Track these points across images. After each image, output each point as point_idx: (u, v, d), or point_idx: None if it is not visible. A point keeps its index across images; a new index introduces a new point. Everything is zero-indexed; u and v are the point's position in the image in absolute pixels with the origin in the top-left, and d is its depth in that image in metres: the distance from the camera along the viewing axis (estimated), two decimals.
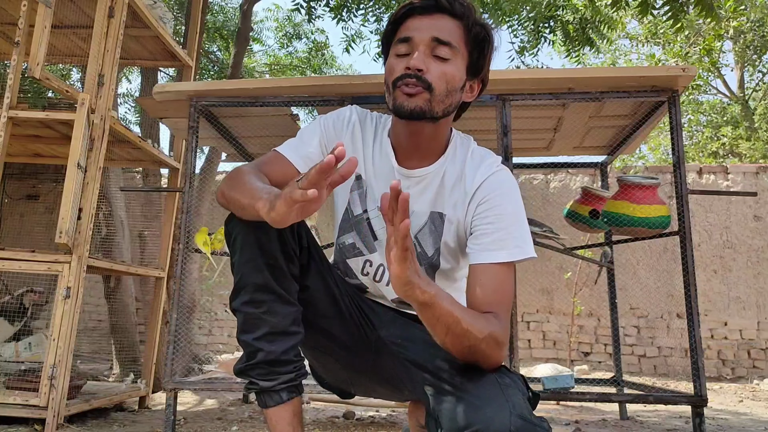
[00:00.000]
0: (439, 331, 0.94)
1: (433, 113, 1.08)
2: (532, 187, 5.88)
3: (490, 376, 0.96)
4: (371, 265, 1.23)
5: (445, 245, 1.17)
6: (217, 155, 4.39)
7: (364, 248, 1.23)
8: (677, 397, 2.42)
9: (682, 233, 2.44)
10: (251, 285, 1.04)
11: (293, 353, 1.08)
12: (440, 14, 1.09)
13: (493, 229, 1.08)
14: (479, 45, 1.12)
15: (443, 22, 1.09)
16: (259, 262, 1.03)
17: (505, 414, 0.86)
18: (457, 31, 1.10)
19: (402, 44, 1.10)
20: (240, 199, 1.00)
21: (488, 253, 1.06)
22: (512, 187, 1.13)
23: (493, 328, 0.97)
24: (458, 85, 1.11)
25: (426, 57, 1.07)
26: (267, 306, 1.04)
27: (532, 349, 5.63)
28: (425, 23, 1.09)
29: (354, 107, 1.26)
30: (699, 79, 9.02)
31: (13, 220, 6.04)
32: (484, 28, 1.12)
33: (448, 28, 1.09)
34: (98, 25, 2.71)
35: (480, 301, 1.03)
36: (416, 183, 1.17)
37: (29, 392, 2.43)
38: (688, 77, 2.43)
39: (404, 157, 1.18)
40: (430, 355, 1.09)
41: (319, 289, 1.13)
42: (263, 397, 1.08)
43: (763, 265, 5.52)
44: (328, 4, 4.38)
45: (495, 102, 2.57)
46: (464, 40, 1.10)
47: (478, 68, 1.15)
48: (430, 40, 1.07)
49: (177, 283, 2.58)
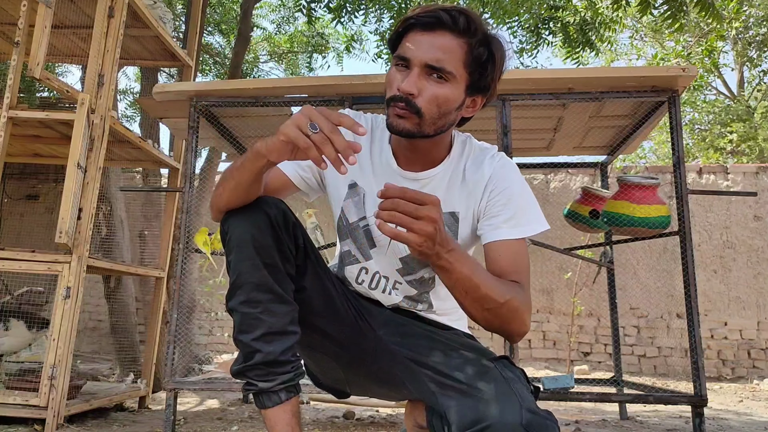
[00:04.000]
0: (458, 294, 0.99)
1: (423, 134, 1.08)
2: (532, 187, 5.83)
3: (494, 371, 0.97)
4: (367, 273, 1.23)
5: (461, 240, 1.18)
6: (217, 155, 4.39)
7: (359, 255, 1.22)
8: (677, 397, 2.42)
9: (682, 233, 2.44)
10: (248, 284, 1.03)
11: (291, 353, 1.07)
12: (442, 31, 1.05)
13: (505, 209, 1.11)
14: (482, 65, 1.08)
15: (444, 40, 1.04)
16: (256, 261, 1.03)
17: (516, 408, 0.86)
18: (458, 52, 1.05)
19: (400, 60, 1.08)
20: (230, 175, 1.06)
21: (502, 230, 1.10)
22: (515, 169, 1.18)
23: (515, 295, 1.00)
24: (453, 107, 1.08)
25: (420, 79, 1.04)
26: (264, 306, 1.04)
27: (532, 349, 5.63)
28: (425, 41, 1.05)
29: (347, 110, 1.26)
30: (700, 78, 9.01)
31: (13, 220, 6.04)
32: (489, 47, 1.07)
33: (446, 49, 1.04)
34: (98, 25, 2.71)
35: (502, 270, 1.06)
36: (423, 186, 1.17)
37: (29, 392, 2.43)
38: (688, 77, 2.44)
39: (407, 162, 1.18)
40: (432, 352, 1.09)
41: (315, 289, 1.13)
42: (261, 398, 1.07)
43: (763, 265, 5.52)
44: (328, 5, 4.38)
45: (495, 102, 2.57)
46: (464, 61, 1.06)
47: (480, 87, 1.11)
48: (423, 63, 1.04)
49: (177, 283, 2.58)
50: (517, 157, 3.23)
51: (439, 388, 1.00)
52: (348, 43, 6.72)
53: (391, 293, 1.23)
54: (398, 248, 1.19)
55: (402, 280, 1.22)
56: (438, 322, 1.25)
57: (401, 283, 1.22)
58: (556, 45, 5.13)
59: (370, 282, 1.23)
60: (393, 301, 1.24)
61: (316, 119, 0.91)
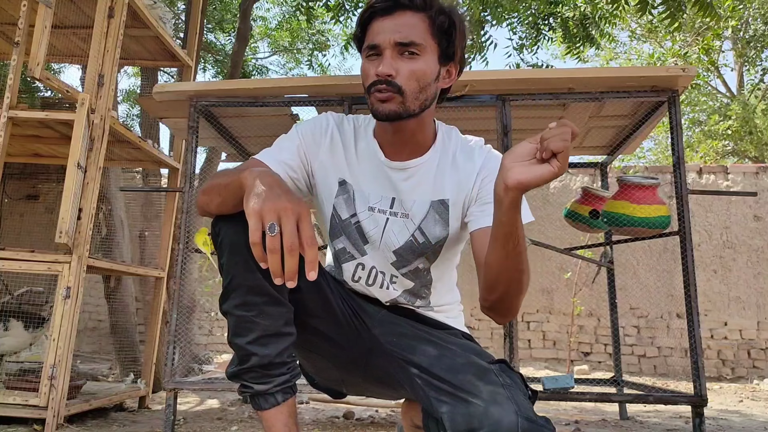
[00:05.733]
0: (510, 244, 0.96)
1: (409, 112, 1.11)
2: None
3: (490, 375, 0.95)
4: (363, 269, 1.23)
5: (452, 228, 1.19)
6: (217, 155, 4.39)
7: (355, 251, 1.22)
8: (677, 397, 2.42)
9: (682, 233, 2.44)
10: (243, 287, 1.01)
11: (286, 355, 1.06)
12: (401, 11, 1.10)
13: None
14: (446, 33, 1.12)
15: (405, 19, 1.09)
16: (250, 263, 0.99)
17: (512, 415, 0.85)
18: (421, 25, 1.10)
19: (370, 50, 1.11)
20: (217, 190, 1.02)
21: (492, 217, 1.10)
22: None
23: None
24: (431, 79, 1.12)
25: (394, 60, 1.08)
26: (259, 308, 1.02)
27: (532, 349, 5.63)
28: (388, 25, 1.09)
29: (330, 113, 1.26)
30: (698, 78, 9.01)
31: (13, 220, 6.04)
32: (449, 15, 1.12)
33: (410, 25, 1.09)
34: (98, 25, 2.72)
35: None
36: (411, 175, 1.18)
37: (29, 392, 2.43)
38: (688, 77, 2.44)
39: (393, 152, 1.19)
40: (427, 354, 1.08)
41: (310, 289, 1.11)
42: (258, 400, 1.06)
43: (763, 265, 5.52)
44: (326, 4, 4.38)
45: (495, 102, 2.57)
46: (430, 32, 1.11)
47: (450, 54, 1.15)
48: (393, 43, 1.08)
49: (177, 283, 2.58)
50: None
51: (433, 391, 0.99)
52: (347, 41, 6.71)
53: (389, 288, 1.22)
54: (391, 241, 1.19)
55: (398, 273, 1.22)
56: (436, 320, 1.24)
57: (398, 277, 1.22)
58: (556, 41, 5.12)
59: (367, 278, 1.23)
60: (391, 296, 1.23)
61: (283, 222, 0.85)
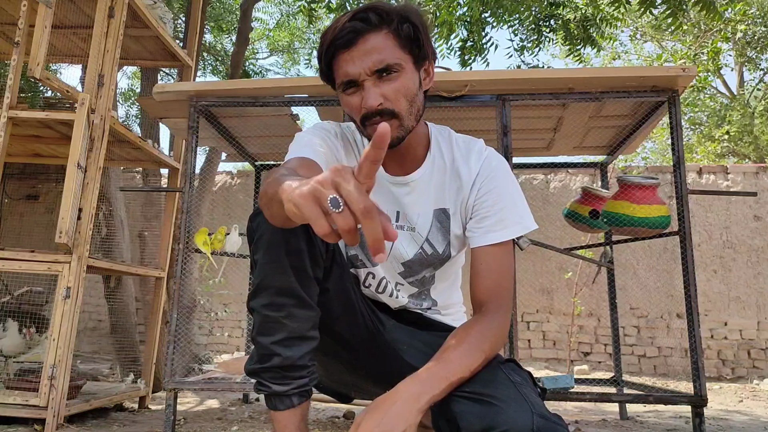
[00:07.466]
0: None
1: (409, 130, 1.09)
2: (532, 187, 5.88)
3: (501, 375, 0.96)
4: (374, 278, 1.23)
5: (453, 236, 1.19)
6: (217, 155, 4.39)
7: (366, 260, 1.22)
8: (677, 397, 2.42)
9: (682, 233, 2.44)
10: (273, 288, 1.00)
11: (308, 358, 1.05)
12: (363, 37, 1.04)
13: (494, 210, 1.12)
14: (414, 39, 1.07)
15: (371, 42, 1.04)
16: (284, 264, 0.99)
17: (527, 413, 0.86)
18: (389, 43, 1.05)
19: (348, 86, 1.07)
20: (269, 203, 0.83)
21: (492, 234, 1.11)
22: (504, 165, 1.17)
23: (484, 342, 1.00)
24: (415, 89, 1.09)
25: (375, 86, 1.04)
26: (287, 310, 1.00)
27: (532, 349, 5.62)
28: (356, 55, 1.03)
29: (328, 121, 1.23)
30: (704, 80, 9.00)
31: (13, 220, 6.04)
32: (408, 20, 1.06)
33: (379, 48, 1.03)
34: (98, 25, 2.72)
35: (486, 287, 1.09)
36: (412, 189, 1.18)
37: (29, 392, 2.43)
38: (688, 77, 2.43)
39: (392, 167, 1.18)
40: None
41: (337, 293, 1.11)
42: (273, 401, 1.05)
43: (763, 265, 5.52)
44: (328, 5, 4.38)
45: (495, 102, 2.57)
46: (399, 45, 1.06)
47: (423, 56, 1.11)
48: (370, 72, 1.03)
49: (177, 283, 2.58)
50: (517, 157, 3.23)
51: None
52: None
53: (397, 296, 1.24)
54: (400, 254, 1.20)
55: (404, 281, 1.23)
56: (444, 323, 1.26)
57: (403, 284, 1.24)
58: (557, 42, 5.12)
59: (377, 286, 1.24)
60: (400, 303, 1.24)
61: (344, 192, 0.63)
